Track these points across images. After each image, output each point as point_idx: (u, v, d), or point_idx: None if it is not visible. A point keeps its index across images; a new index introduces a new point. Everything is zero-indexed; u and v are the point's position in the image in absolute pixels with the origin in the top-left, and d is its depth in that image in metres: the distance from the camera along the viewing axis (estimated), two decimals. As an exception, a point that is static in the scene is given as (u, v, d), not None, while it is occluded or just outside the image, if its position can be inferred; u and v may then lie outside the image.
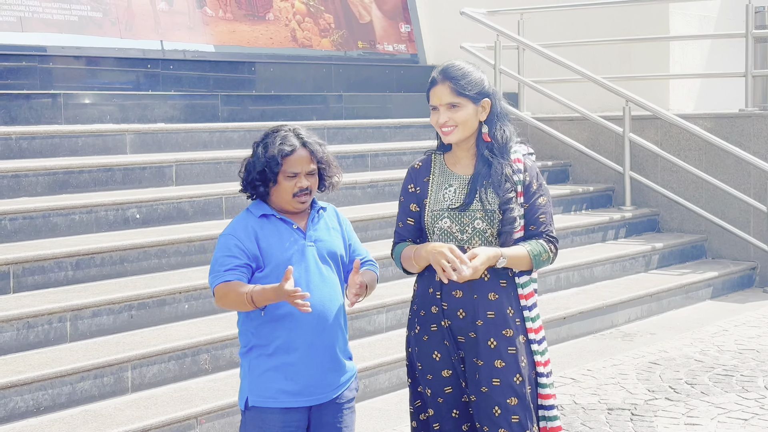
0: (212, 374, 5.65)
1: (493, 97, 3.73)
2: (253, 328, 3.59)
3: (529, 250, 3.67)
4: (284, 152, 3.57)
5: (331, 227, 3.73)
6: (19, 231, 6.23)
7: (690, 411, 5.69)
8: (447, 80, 3.69)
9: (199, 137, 8.21)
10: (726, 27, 11.39)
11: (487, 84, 3.74)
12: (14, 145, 7.11)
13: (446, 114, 3.69)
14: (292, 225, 3.62)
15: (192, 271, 6.39)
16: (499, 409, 3.64)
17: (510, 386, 3.64)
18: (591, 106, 10.36)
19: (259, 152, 3.59)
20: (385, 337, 6.47)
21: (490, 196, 3.67)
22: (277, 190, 3.60)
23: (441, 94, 3.70)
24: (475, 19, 10.32)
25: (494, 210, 3.65)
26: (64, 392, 5.09)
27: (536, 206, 3.71)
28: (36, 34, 8.59)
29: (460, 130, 3.70)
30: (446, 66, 3.75)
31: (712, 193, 9.38)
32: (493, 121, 3.73)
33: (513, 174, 3.69)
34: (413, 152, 9.24)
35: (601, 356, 6.89)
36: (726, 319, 7.92)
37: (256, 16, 10.49)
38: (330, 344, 3.62)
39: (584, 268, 8.20)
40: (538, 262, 3.69)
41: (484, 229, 3.67)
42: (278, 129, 3.64)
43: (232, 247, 3.54)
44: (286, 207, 3.63)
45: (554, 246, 3.72)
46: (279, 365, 3.56)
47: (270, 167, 3.57)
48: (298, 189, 3.59)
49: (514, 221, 3.66)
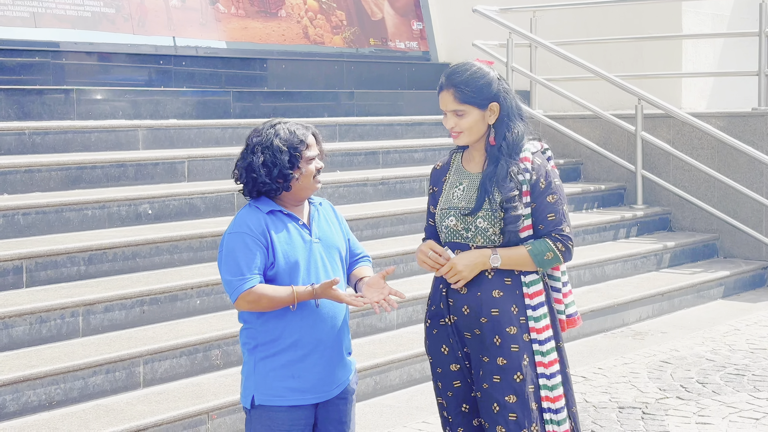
0: (223, 370, 5.66)
1: (503, 100, 3.69)
2: (260, 325, 3.58)
3: (530, 249, 3.66)
4: (306, 135, 3.62)
5: (330, 222, 3.75)
6: (31, 226, 6.25)
7: (701, 410, 5.68)
8: (451, 87, 3.68)
9: (211, 133, 8.22)
10: (739, 25, 11.35)
11: (496, 87, 3.68)
12: (27, 140, 7.13)
13: (452, 120, 3.70)
14: (298, 221, 3.63)
15: (203, 267, 6.40)
16: (497, 406, 3.64)
17: (509, 384, 3.64)
18: (603, 104, 10.34)
19: (277, 144, 3.58)
20: (396, 334, 6.47)
21: (494, 196, 3.66)
22: (302, 177, 3.60)
23: (446, 101, 3.70)
24: (488, 16, 10.30)
25: (496, 209, 3.65)
26: (77, 387, 5.10)
27: (544, 205, 3.68)
28: (49, 29, 8.61)
29: (466, 135, 3.71)
30: (452, 70, 3.72)
31: (724, 192, 9.35)
32: (502, 123, 3.70)
33: (518, 173, 3.66)
34: (425, 150, 9.24)
35: (612, 355, 6.89)
36: (737, 318, 7.90)
37: (268, 12, 10.50)
38: (338, 341, 3.64)
39: (595, 266, 8.19)
40: (541, 261, 3.67)
41: (486, 228, 3.67)
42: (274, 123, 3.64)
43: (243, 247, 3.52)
44: (304, 193, 3.64)
45: (563, 244, 3.68)
46: (287, 363, 3.56)
47: (299, 151, 3.58)
48: (317, 170, 3.65)
49: (517, 220, 3.64)
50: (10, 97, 7.57)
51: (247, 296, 3.49)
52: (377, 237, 7.54)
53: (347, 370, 3.70)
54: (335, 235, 3.72)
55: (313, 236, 3.64)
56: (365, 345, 6.16)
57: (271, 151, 3.56)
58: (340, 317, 3.64)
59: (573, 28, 11.17)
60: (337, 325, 3.63)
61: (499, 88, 3.70)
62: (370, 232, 7.51)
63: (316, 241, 3.63)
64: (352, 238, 3.84)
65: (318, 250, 3.63)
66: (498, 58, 10.17)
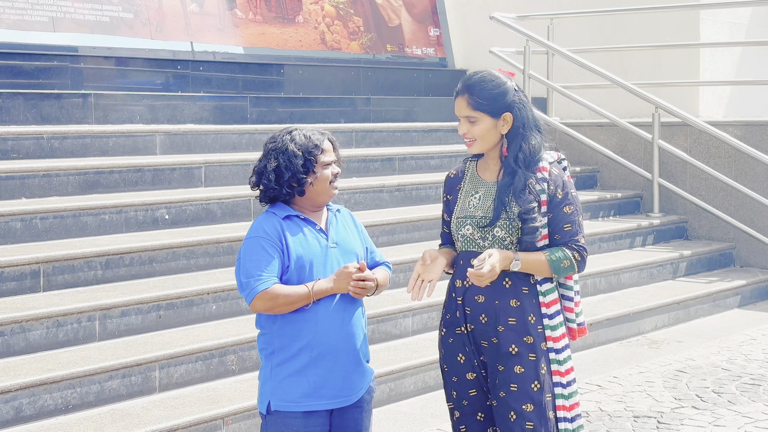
0: (239, 375, 5.67)
1: (517, 111, 3.69)
2: (276, 330, 3.59)
3: (548, 256, 3.66)
4: (321, 141, 3.64)
5: (348, 228, 3.76)
6: (49, 230, 6.28)
7: (716, 420, 5.66)
8: (466, 92, 3.71)
9: (228, 139, 8.24)
10: (757, 34, 11.32)
11: (511, 97, 3.69)
12: (45, 144, 7.17)
13: (465, 126, 3.73)
14: (315, 226, 3.64)
15: (220, 272, 6.42)
16: (515, 415, 3.64)
17: (526, 393, 3.64)
18: (620, 112, 10.32)
19: (292, 149, 3.60)
20: (411, 341, 6.48)
21: (511, 206, 3.66)
22: (317, 181, 3.62)
23: (460, 106, 3.73)
24: (505, 23, 10.30)
25: (514, 219, 3.65)
26: (93, 391, 5.12)
27: (561, 215, 3.69)
28: (68, 34, 8.65)
29: (479, 143, 3.72)
30: (469, 77, 3.75)
31: (741, 201, 9.33)
32: (517, 134, 3.70)
33: (536, 183, 3.67)
34: (441, 156, 9.24)
35: (627, 363, 6.87)
36: (754, 327, 7.87)
37: (285, 18, 10.52)
38: (353, 347, 3.64)
39: (611, 274, 8.18)
40: (557, 268, 3.67)
41: (504, 237, 3.67)
42: (290, 130, 3.68)
43: (260, 250, 3.54)
44: (321, 199, 3.66)
45: (579, 254, 3.69)
46: (302, 368, 3.56)
47: (314, 155, 3.61)
48: (333, 176, 3.67)
49: (535, 231, 3.65)
50: (29, 101, 7.62)
51: (264, 296, 3.50)
52: (393, 243, 7.55)
53: (365, 377, 3.70)
54: (353, 241, 3.73)
55: (330, 241, 3.65)
56: (380, 352, 6.16)
57: (286, 156, 3.59)
58: (355, 322, 3.64)
59: (590, 36, 11.15)
60: (352, 331, 3.63)
61: (513, 98, 3.70)
62: (385, 239, 7.52)
63: (332, 246, 3.65)
64: (371, 245, 3.85)
65: (335, 255, 3.64)
66: (515, 65, 10.16)
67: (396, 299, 6.52)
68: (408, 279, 6.94)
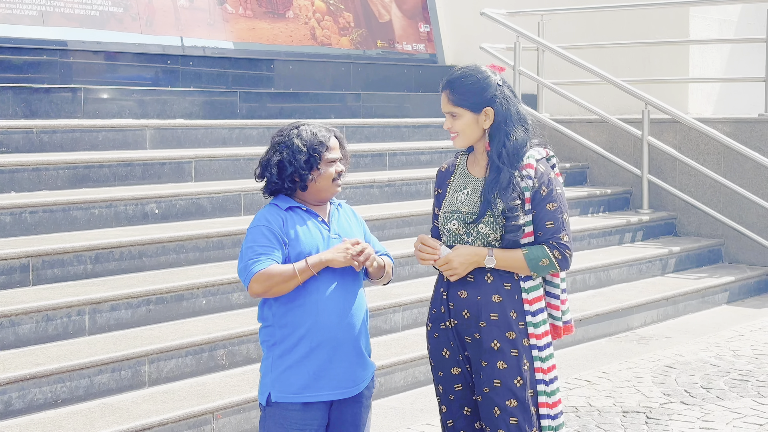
0: (229, 370, 5.67)
1: (499, 105, 3.69)
2: (277, 320, 3.60)
3: (525, 254, 3.66)
4: (328, 138, 3.65)
5: (350, 221, 3.79)
6: (38, 224, 6.27)
7: (705, 415, 5.68)
8: (447, 88, 3.74)
9: (218, 134, 8.24)
10: (746, 31, 11.35)
11: (492, 92, 3.68)
12: (35, 138, 7.15)
13: (449, 121, 3.75)
14: (317, 217, 3.66)
15: (210, 267, 6.42)
16: (498, 410, 3.66)
17: (509, 388, 3.65)
18: (609, 108, 10.34)
19: (297, 144, 3.61)
20: (401, 336, 6.48)
21: (496, 203, 3.67)
22: (320, 177, 3.64)
23: (443, 102, 3.76)
24: (495, 19, 10.32)
25: (498, 215, 3.66)
26: (82, 385, 5.12)
27: (544, 212, 3.68)
28: (57, 28, 8.63)
29: (461, 138, 3.74)
30: (451, 72, 3.78)
31: (730, 197, 9.36)
32: (500, 129, 3.69)
33: (521, 180, 3.67)
34: (431, 152, 9.25)
35: (616, 359, 6.89)
36: (742, 323, 7.90)
37: (276, 13, 10.51)
38: (354, 338, 3.65)
39: (600, 270, 8.20)
40: (535, 266, 3.67)
41: (488, 234, 3.68)
42: (298, 125, 3.69)
43: (261, 236, 3.56)
44: (324, 195, 3.68)
45: (560, 252, 3.67)
46: (302, 358, 3.57)
47: (318, 152, 3.62)
48: (337, 174, 3.68)
49: (518, 229, 3.66)
50: (18, 95, 7.60)
51: (259, 277, 3.51)
52: (383, 239, 7.55)
53: (367, 370, 3.71)
54: (355, 232, 3.76)
55: (332, 232, 3.67)
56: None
57: (290, 151, 3.61)
58: (355, 313, 3.65)
59: (580, 32, 11.18)
60: (352, 322, 3.63)
61: (495, 93, 3.69)
62: (376, 234, 7.51)
63: (335, 236, 3.67)
64: (372, 238, 3.86)
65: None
66: (505, 61, 10.17)
67: (386, 294, 6.52)
68: (398, 274, 6.96)
